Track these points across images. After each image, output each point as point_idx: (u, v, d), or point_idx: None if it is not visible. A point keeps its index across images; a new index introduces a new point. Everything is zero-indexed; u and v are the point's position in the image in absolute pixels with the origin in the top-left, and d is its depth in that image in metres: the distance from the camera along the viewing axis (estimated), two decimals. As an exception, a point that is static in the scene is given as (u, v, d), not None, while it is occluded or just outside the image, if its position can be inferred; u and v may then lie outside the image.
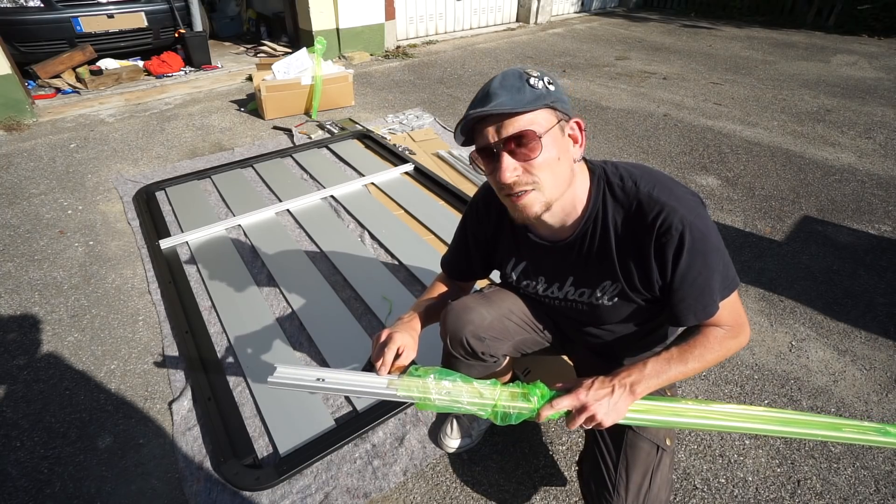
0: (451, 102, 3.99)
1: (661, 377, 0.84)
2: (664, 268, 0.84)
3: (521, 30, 6.77)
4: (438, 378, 0.87)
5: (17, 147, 3.12)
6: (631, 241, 0.86)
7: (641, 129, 3.52)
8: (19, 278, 2.01)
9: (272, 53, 5.11)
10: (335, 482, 1.27)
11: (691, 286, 0.83)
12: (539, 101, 0.77)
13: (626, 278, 0.89)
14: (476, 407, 0.86)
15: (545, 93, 0.77)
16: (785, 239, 2.31)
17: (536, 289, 1.04)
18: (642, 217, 0.83)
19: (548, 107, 0.78)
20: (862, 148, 3.24)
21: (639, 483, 0.91)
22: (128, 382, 1.57)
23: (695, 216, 0.81)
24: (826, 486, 1.29)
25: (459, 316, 1.07)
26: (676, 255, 0.81)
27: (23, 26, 3.87)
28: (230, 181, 2.73)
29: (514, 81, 0.78)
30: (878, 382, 1.59)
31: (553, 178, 0.81)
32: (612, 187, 0.87)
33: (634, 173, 0.86)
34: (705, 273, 0.82)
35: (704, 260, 0.82)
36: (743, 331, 0.89)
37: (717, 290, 0.85)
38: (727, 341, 0.87)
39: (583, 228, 0.89)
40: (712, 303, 0.85)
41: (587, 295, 0.96)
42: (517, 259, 1.04)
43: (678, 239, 0.80)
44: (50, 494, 1.26)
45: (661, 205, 0.81)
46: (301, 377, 0.92)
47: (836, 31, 6.62)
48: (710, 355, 0.86)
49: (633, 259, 0.87)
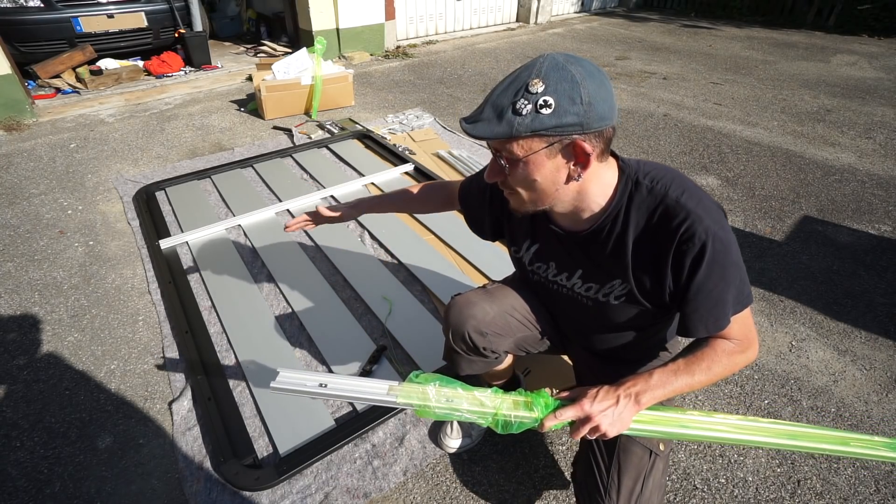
0: (451, 102, 3.99)
1: (668, 388, 0.83)
2: (679, 275, 0.82)
3: (521, 30, 6.77)
4: (439, 386, 0.87)
5: (17, 147, 3.12)
6: (650, 243, 0.84)
7: (641, 129, 3.52)
8: (19, 278, 2.01)
9: (272, 53, 5.11)
10: (335, 482, 1.27)
11: (706, 298, 0.82)
12: (512, 132, 0.73)
13: (637, 280, 0.88)
14: (476, 415, 0.86)
15: (529, 121, 0.72)
16: (785, 239, 2.31)
17: (546, 273, 1.03)
18: (667, 222, 0.81)
19: (532, 135, 0.73)
20: (862, 148, 3.24)
21: (630, 487, 0.91)
22: (128, 382, 1.57)
23: (719, 227, 0.79)
24: (826, 486, 1.29)
25: (462, 310, 1.07)
26: (695, 264, 0.80)
27: (23, 26, 3.87)
28: (230, 181, 2.73)
29: (504, 101, 0.73)
30: (878, 382, 1.59)
31: (529, 193, 0.82)
32: (639, 187, 0.85)
33: (666, 177, 0.85)
34: (721, 286, 0.81)
35: (723, 273, 0.80)
36: (752, 346, 0.87)
37: (730, 304, 0.83)
38: (736, 356, 0.86)
39: (601, 224, 0.88)
40: (724, 316, 0.83)
41: (594, 291, 0.95)
42: (531, 241, 1.03)
43: (699, 248, 0.79)
44: (50, 494, 1.26)
45: (687, 211, 0.79)
46: (303, 382, 0.92)
47: (836, 31, 6.62)
48: (717, 368, 0.84)
49: (649, 262, 0.86)
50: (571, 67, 0.72)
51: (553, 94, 0.71)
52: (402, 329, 1.73)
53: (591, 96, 0.72)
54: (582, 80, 0.71)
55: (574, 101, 0.71)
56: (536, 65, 0.73)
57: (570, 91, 0.71)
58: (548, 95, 0.71)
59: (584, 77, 0.72)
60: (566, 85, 0.71)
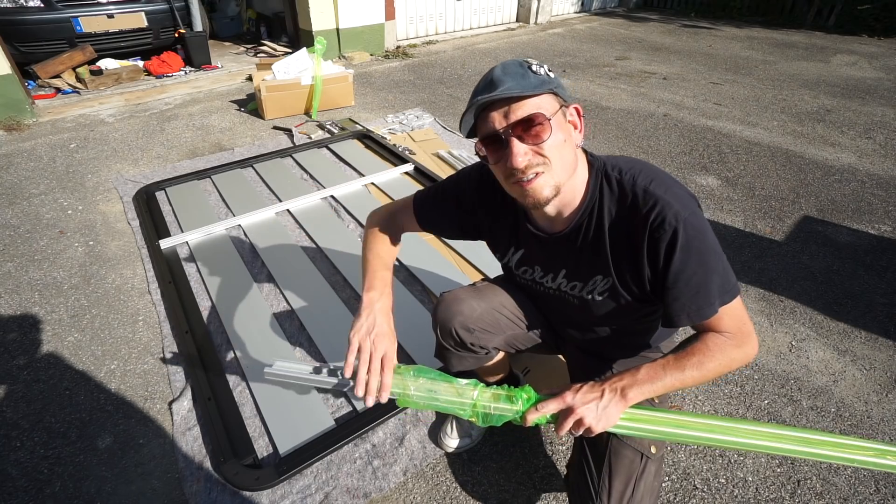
0: (451, 102, 3.99)
1: (656, 383, 0.81)
2: (656, 263, 0.82)
3: (521, 30, 6.77)
4: (417, 375, 0.88)
5: (17, 147, 3.12)
6: (624, 235, 0.85)
7: (641, 129, 3.52)
8: (19, 278, 2.01)
9: (272, 53, 5.11)
10: (335, 482, 1.27)
11: (686, 285, 0.80)
12: (543, 85, 0.78)
13: (617, 274, 0.89)
14: (455, 406, 0.87)
15: (547, 79, 0.79)
16: (785, 239, 2.31)
17: (534, 276, 1.04)
18: (636, 211, 0.82)
19: (551, 92, 0.80)
20: (862, 148, 3.24)
21: (621, 490, 0.90)
22: (128, 382, 1.57)
23: (689, 213, 0.79)
24: (826, 486, 1.29)
25: (449, 307, 1.08)
26: (669, 250, 0.79)
27: (23, 26, 3.86)
28: (230, 181, 2.73)
29: (516, 69, 0.79)
30: (878, 382, 1.59)
31: (562, 160, 0.81)
32: (609, 180, 0.86)
33: (634, 167, 0.86)
34: (700, 273, 0.79)
35: (700, 259, 0.79)
36: (748, 341, 0.84)
37: (714, 293, 0.81)
38: (730, 350, 0.82)
39: (578, 221, 0.89)
40: (708, 305, 0.81)
41: (578, 289, 0.96)
42: (516, 247, 1.03)
43: (671, 234, 0.78)
44: (50, 494, 1.26)
45: (655, 198, 0.80)
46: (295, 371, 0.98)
47: (836, 31, 6.62)
48: (710, 363, 0.81)
49: (626, 254, 0.86)
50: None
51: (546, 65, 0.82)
52: (402, 329, 1.71)
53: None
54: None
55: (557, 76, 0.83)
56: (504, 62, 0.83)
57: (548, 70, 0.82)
58: (544, 66, 0.81)
59: None
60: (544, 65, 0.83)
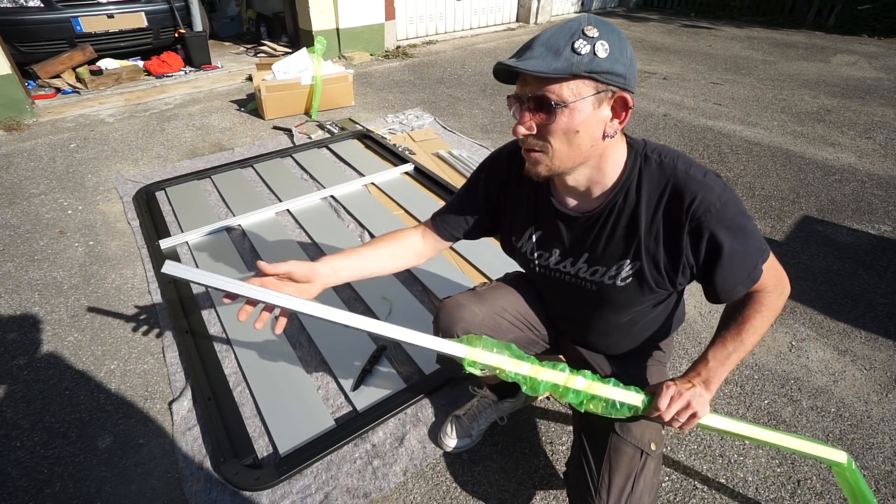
0: (451, 102, 3.99)
1: (727, 365, 0.85)
2: (698, 247, 0.83)
3: (521, 30, 6.77)
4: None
5: (17, 147, 3.12)
6: (663, 217, 0.85)
7: (641, 129, 3.52)
8: (19, 278, 2.01)
9: (272, 53, 5.11)
10: (335, 482, 1.27)
11: (738, 259, 0.83)
12: (572, 69, 0.72)
13: (649, 258, 0.88)
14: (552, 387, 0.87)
15: (587, 60, 0.72)
16: (785, 239, 2.31)
17: (549, 261, 1.01)
18: (679, 195, 0.82)
19: (584, 77, 0.73)
20: (862, 148, 3.24)
21: (621, 486, 0.90)
22: (128, 382, 1.57)
23: (728, 194, 0.82)
24: (826, 486, 1.29)
25: (451, 313, 1.07)
26: (715, 231, 0.81)
27: (23, 26, 3.86)
28: (230, 181, 2.73)
29: (559, 41, 0.73)
30: (878, 382, 1.59)
31: (566, 148, 0.79)
32: (648, 161, 0.86)
33: (672, 153, 0.86)
34: (744, 240, 0.83)
35: (743, 231, 0.82)
36: (786, 286, 0.92)
37: (757, 257, 0.86)
38: (776, 302, 0.89)
39: (612, 200, 0.87)
40: (755, 267, 0.86)
41: (600, 274, 0.94)
42: (534, 227, 1.00)
43: (717, 216, 0.80)
44: (50, 494, 1.26)
45: (697, 182, 0.81)
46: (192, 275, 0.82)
47: (836, 31, 6.62)
48: (764, 324, 0.87)
49: (664, 237, 0.85)
50: (614, 26, 0.76)
51: (607, 40, 0.73)
52: (402, 329, 1.73)
53: (631, 55, 0.77)
54: (624, 37, 0.77)
55: (623, 52, 0.75)
56: (583, 17, 0.76)
57: (619, 42, 0.75)
58: (603, 40, 0.73)
59: (624, 37, 0.77)
60: (615, 37, 0.75)
